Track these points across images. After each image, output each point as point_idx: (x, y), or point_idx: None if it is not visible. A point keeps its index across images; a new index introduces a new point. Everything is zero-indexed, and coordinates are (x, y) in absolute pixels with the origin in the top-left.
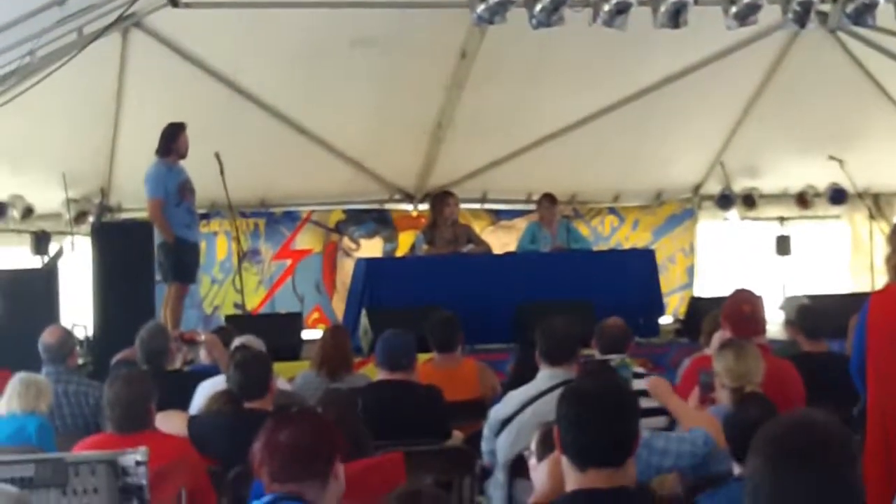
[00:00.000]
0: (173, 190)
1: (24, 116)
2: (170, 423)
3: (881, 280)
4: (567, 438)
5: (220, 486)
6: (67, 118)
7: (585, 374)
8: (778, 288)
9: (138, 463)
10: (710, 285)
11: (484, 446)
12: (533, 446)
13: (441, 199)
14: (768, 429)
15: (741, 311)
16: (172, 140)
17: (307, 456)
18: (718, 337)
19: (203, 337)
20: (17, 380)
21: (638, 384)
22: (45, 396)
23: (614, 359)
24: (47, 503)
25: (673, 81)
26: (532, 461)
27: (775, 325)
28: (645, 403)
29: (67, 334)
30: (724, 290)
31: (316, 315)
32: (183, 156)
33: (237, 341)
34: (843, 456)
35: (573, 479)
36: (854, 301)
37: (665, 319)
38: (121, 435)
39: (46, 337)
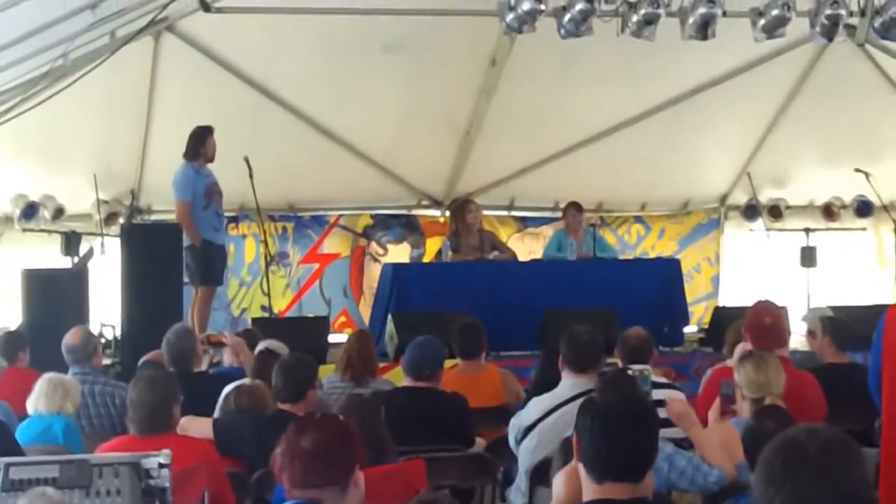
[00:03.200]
0: (201, 193)
1: (56, 118)
2: (195, 426)
3: None
4: (587, 451)
5: (243, 489)
6: (99, 120)
7: (605, 384)
8: (802, 299)
9: (161, 465)
10: (735, 295)
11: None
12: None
13: (462, 207)
14: (766, 449)
15: (762, 322)
16: (200, 143)
17: (327, 462)
18: (740, 348)
19: (229, 339)
20: (44, 380)
21: (658, 394)
22: (72, 397)
23: (635, 369)
24: None
25: (701, 91)
26: None
27: (799, 336)
28: (664, 413)
29: (90, 334)
30: (749, 301)
31: (342, 319)
32: (210, 159)
33: (262, 345)
34: (835, 472)
35: (590, 490)
36: (877, 313)
37: (689, 329)
38: (143, 437)
39: (69, 338)
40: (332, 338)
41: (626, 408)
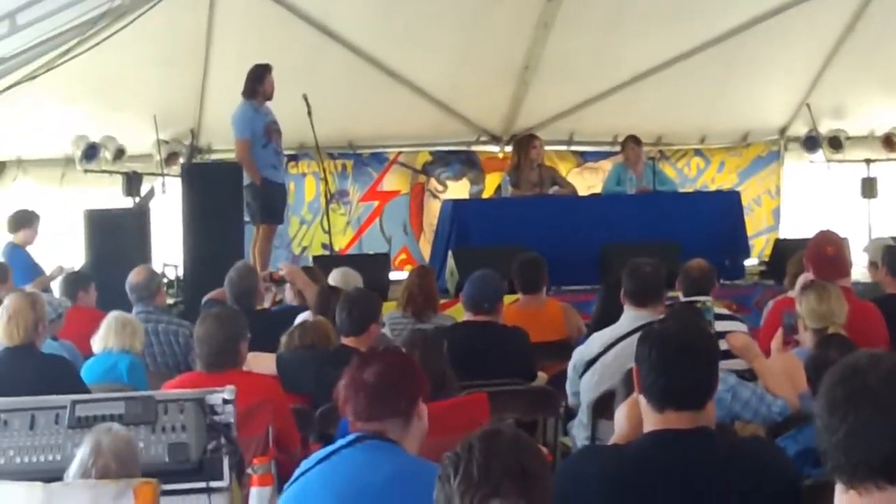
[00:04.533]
0: (260, 131)
1: (115, 58)
2: (259, 363)
3: None
4: (646, 380)
5: (307, 424)
6: (158, 60)
7: (669, 315)
8: (864, 230)
9: (226, 401)
10: (796, 228)
11: (568, 387)
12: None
13: (526, 141)
14: (827, 378)
15: (824, 252)
16: (259, 81)
17: (390, 394)
18: (802, 279)
19: (284, 268)
20: (110, 319)
21: (721, 326)
22: (138, 335)
23: (699, 301)
24: (137, 440)
25: (759, 23)
26: None
27: (861, 267)
28: (726, 345)
29: (153, 273)
30: (810, 233)
31: (403, 256)
32: (269, 97)
33: (335, 273)
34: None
35: (651, 420)
36: None
37: (750, 261)
38: (209, 373)
39: (132, 277)
40: (393, 275)
41: (684, 335)
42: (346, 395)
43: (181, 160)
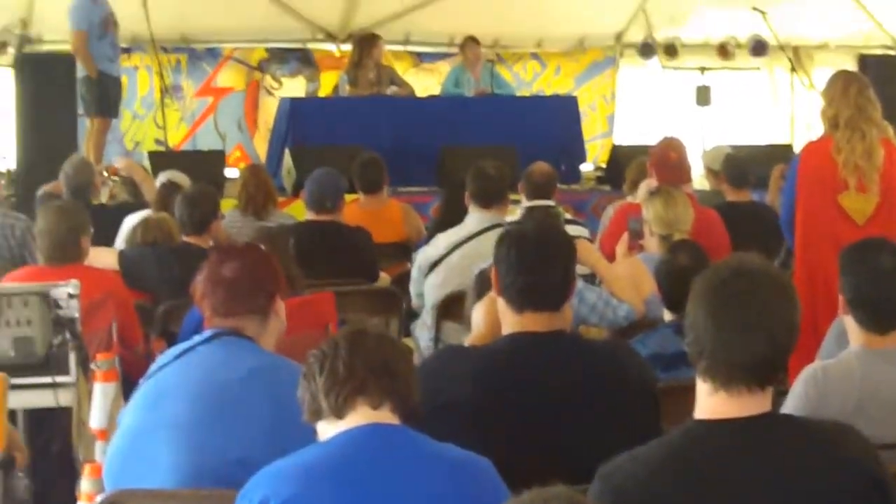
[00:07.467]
0: (97, 22)
1: None
2: (101, 258)
3: (800, 132)
4: (505, 280)
5: (148, 321)
6: None
7: (526, 219)
8: (697, 138)
9: (70, 296)
10: (630, 134)
11: (412, 288)
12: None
13: (370, 40)
14: (707, 279)
15: (668, 158)
16: None
17: (249, 291)
18: (646, 185)
19: (120, 162)
20: None
21: (569, 230)
22: None
23: (552, 206)
24: None
25: None
26: None
27: (696, 174)
28: None
29: None
30: (645, 139)
31: (237, 153)
32: None
33: (162, 176)
34: (779, 297)
35: (510, 322)
36: (773, 152)
37: (585, 166)
38: (51, 267)
39: None
40: (228, 172)
41: (542, 235)
42: (203, 289)
43: (11, 50)
